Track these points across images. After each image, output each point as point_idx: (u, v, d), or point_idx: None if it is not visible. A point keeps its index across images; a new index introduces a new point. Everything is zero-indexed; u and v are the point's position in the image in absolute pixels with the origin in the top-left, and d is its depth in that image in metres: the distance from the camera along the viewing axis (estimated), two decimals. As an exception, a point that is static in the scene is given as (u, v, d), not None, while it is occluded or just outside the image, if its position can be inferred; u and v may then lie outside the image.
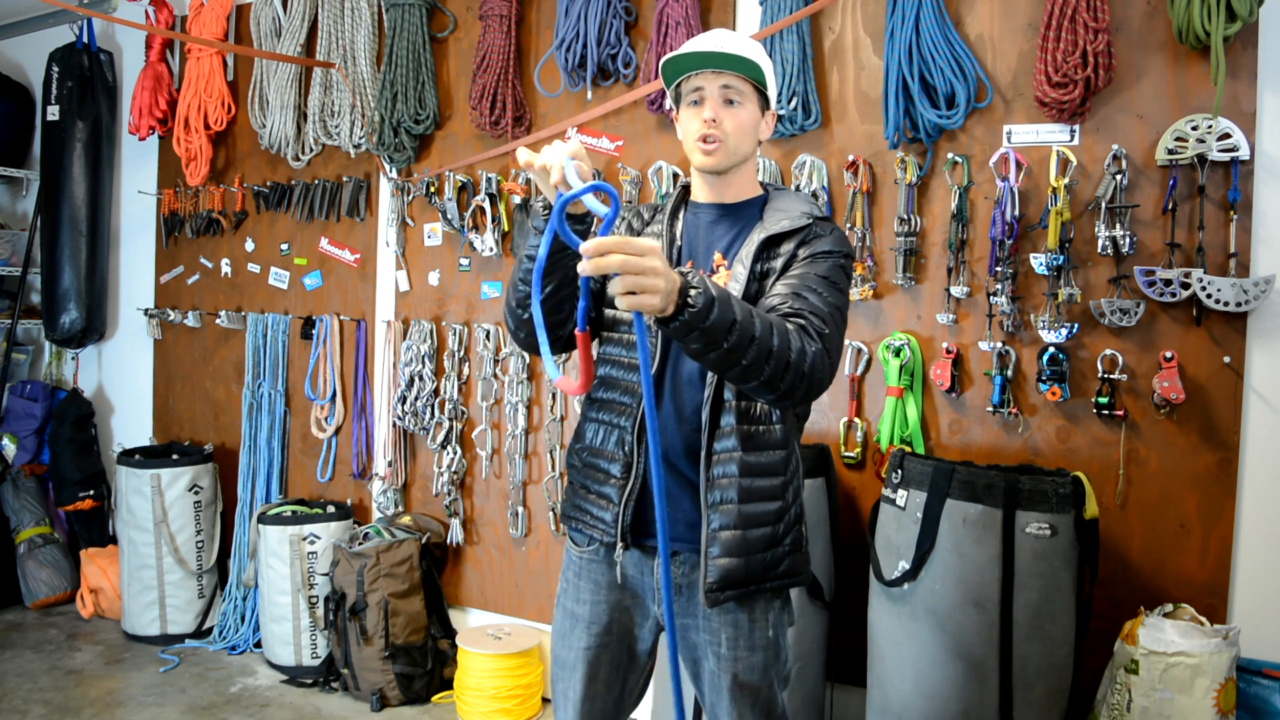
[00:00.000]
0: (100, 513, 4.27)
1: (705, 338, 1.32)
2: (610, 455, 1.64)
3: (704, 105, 1.61)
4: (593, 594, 1.70)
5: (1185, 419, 2.36)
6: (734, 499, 1.56)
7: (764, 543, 1.58)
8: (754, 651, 1.63)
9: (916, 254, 2.66)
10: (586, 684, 1.69)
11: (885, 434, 2.65)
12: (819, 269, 1.57)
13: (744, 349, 1.35)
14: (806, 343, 1.44)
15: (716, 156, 1.62)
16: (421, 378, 3.46)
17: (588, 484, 1.69)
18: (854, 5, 2.76)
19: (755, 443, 1.58)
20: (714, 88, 1.61)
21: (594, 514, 1.66)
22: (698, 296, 1.28)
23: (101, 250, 4.25)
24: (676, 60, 1.60)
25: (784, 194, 1.72)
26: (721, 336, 1.32)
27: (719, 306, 1.31)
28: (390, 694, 3.18)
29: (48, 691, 3.25)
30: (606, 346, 1.70)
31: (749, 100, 1.62)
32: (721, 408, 1.58)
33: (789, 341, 1.41)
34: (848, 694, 2.70)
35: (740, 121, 1.62)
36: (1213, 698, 2.06)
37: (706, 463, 1.57)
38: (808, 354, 1.43)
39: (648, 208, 1.78)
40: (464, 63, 3.40)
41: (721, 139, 1.61)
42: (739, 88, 1.61)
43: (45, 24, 4.48)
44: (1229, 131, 2.26)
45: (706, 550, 1.56)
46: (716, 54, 1.58)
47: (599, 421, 1.68)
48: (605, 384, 1.68)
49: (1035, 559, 2.12)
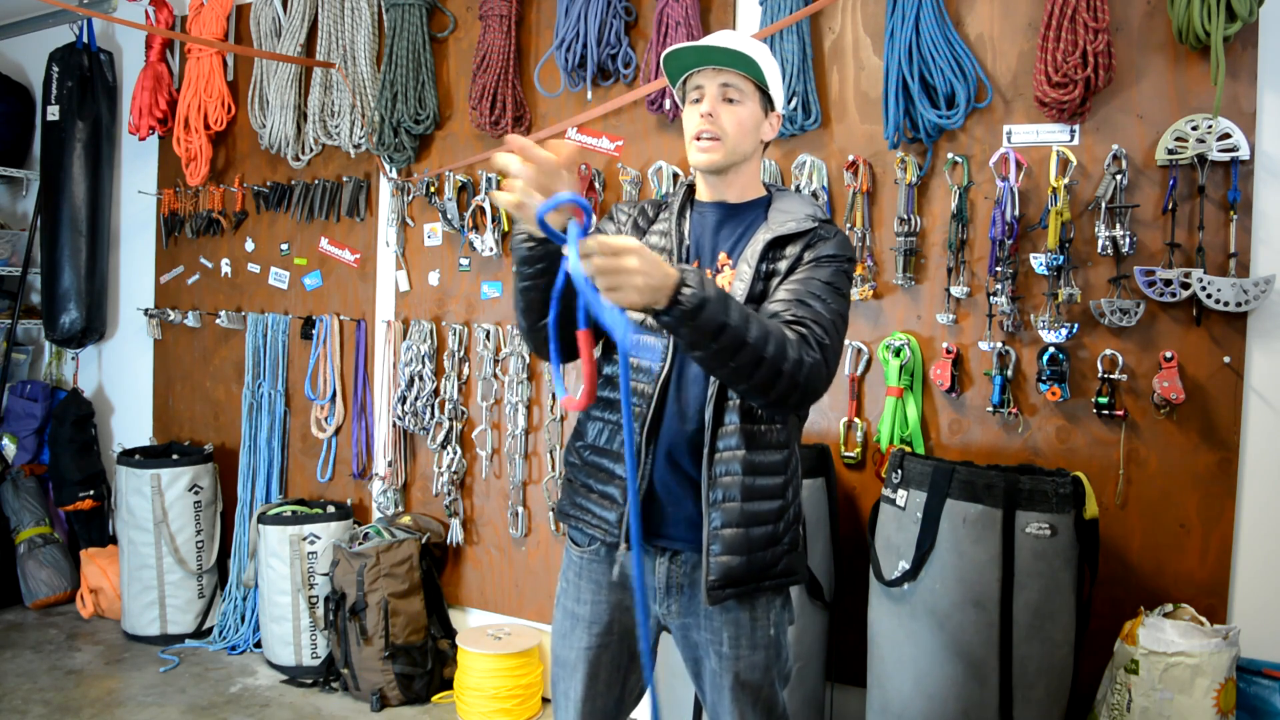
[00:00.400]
0: (100, 513, 4.27)
1: (693, 335, 1.34)
2: (614, 454, 1.64)
3: (703, 102, 1.61)
4: (594, 594, 1.69)
5: (1185, 419, 2.36)
6: (737, 497, 1.56)
7: (765, 541, 1.59)
8: (755, 650, 1.63)
9: (916, 254, 2.66)
10: (588, 684, 1.69)
11: (885, 434, 2.65)
12: (823, 275, 1.57)
13: (734, 352, 1.36)
14: (805, 353, 1.45)
15: (713, 154, 1.61)
16: (421, 378, 3.46)
17: (590, 483, 1.68)
18: (854, 5, 2.76)
19: (758, 441, 1.58)
20: (713, 86, 1.60)
21: (596, 513, 1.65)
22: (690, 295, 1.30)
23: (101, 250, 4.25)
24: (677, 55, 1.60)
25: (788, 196, 1.72)
26: (710, 337, 1.34)
27: (710, 307, 1.32)
28: (390, 694, 3.18)
29: (48, 691, 3.25)
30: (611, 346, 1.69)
31: (750, 99, 1.62)
32: (725, 406, 1.57)
33: (785, 350, 1.41)
34: (848, 694, 2.70)
35: (740, 119, 1.61)
36: (1213, 698, 2.06)
37: (709, 460, 1.57)
38: (804, 364, 1.44)
39: (651, 204, 1.77)
40: (464, 63, 3.40)
41: (719, 136, 1.60)
42: (739, 86, 1.61)
43: (45, 24, 4.48)
44: (1229, 131, 2.26)
45: (708, 548, 1.55)
46: (715, 49, 1.58)
47: (603, 420, 1.67)
48: (610, 382, 1.67)
49: (1035, 559, 2.12)
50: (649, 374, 1.61)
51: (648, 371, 1.61)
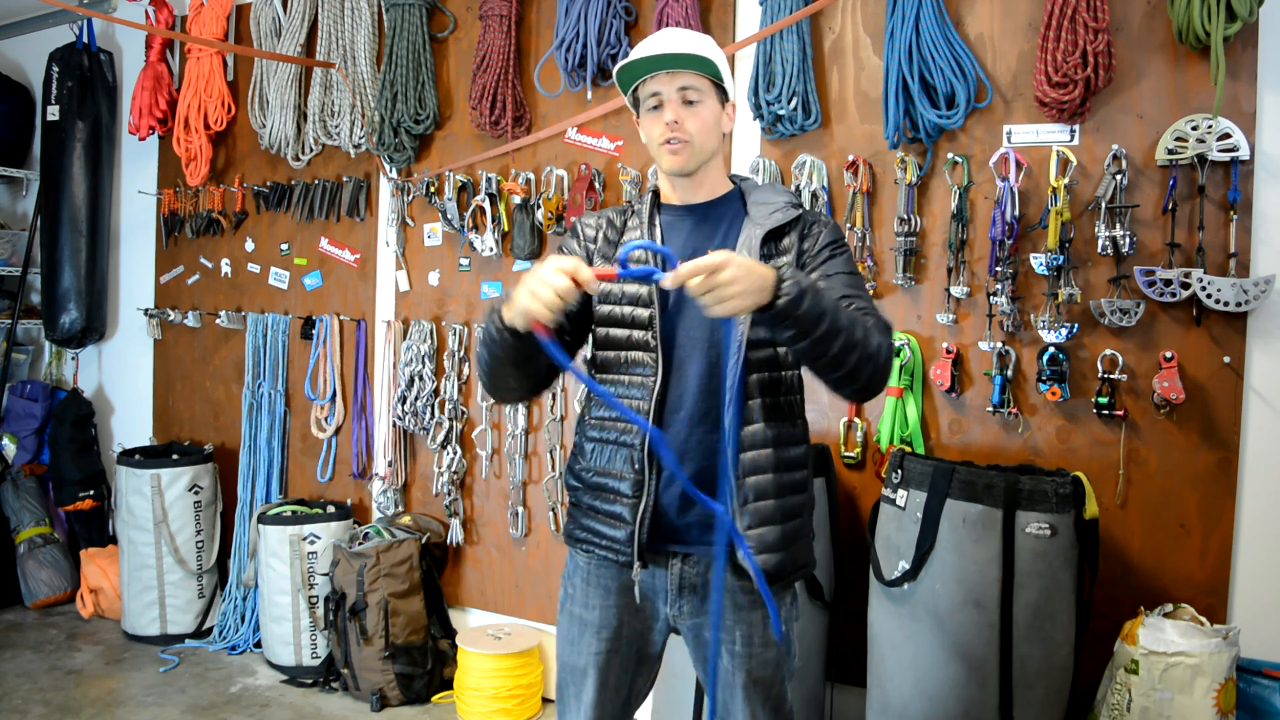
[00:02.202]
0: (100, 513, 4.27)
1: (798, 326, 1.39)
2: (619, 474, 1.63)
3: (664, 109, 1.61)
4: (603, 599, 1.68)
5: (1185, 419, 2.36)
6: (770, 494, 1.59)
7: (796, 534, 1.63)
8: (768, 647, 1.65)
9: (916, 254, 2.66)
10: (599, 689, 1.69)
11: (885, 434, 2.65)
12: (839, 265, 1.61)
13: (834, 338, 1.42)
14: (882, 336, 1.52)
15: (683, 157, 1.62)
16: (421, 378, 3.46)
17: (596, 504, 1.66)
18: (854, 5, 2.76)
19: (784, 439, 1.62)
20: (671, 90, 1.60)
21: (606, 534, 1.64)
22: (790, 288, 1.36)
23: (101, 250, 4.25)
24: (631, 66, 1.60)
25: (758, 187, 1.72)
26: (813, 325, 1.40)
27: (809, 297, 1.38)
28: (390, 694, 3.18)
29: (48, 691, 3.25)
30: (604, 365, 1.67)
31: (708, 97, 1.62)
32: (748, 406, 1.58)
33: (870, 336, 1.48)
34: (848, 694, 2.70)
35: (703, 120, 1.62)
36: (1213, 698, 2.06)
37: (735, 461, 1.57)
38: (884, 348, 1.52)
39: (616, 212, 1.75)
40: (464, 63, 3.40)
41: (686, 139, 1.61)
42: (696, 85, 1.61)
43: (45, 24, 4.48)
44: (1229, 131, 2.26)
45: (744, 549, 1.55)
46: (668, 55, 1.58)
47: (603, 441, 1.66)
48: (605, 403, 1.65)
49: (1035, 559, 2.12)
50: (643, 389, 1.61)
51: (641, 386, 1.61)
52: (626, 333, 1.63)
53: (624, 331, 1.63)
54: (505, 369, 1.57)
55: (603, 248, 1.70)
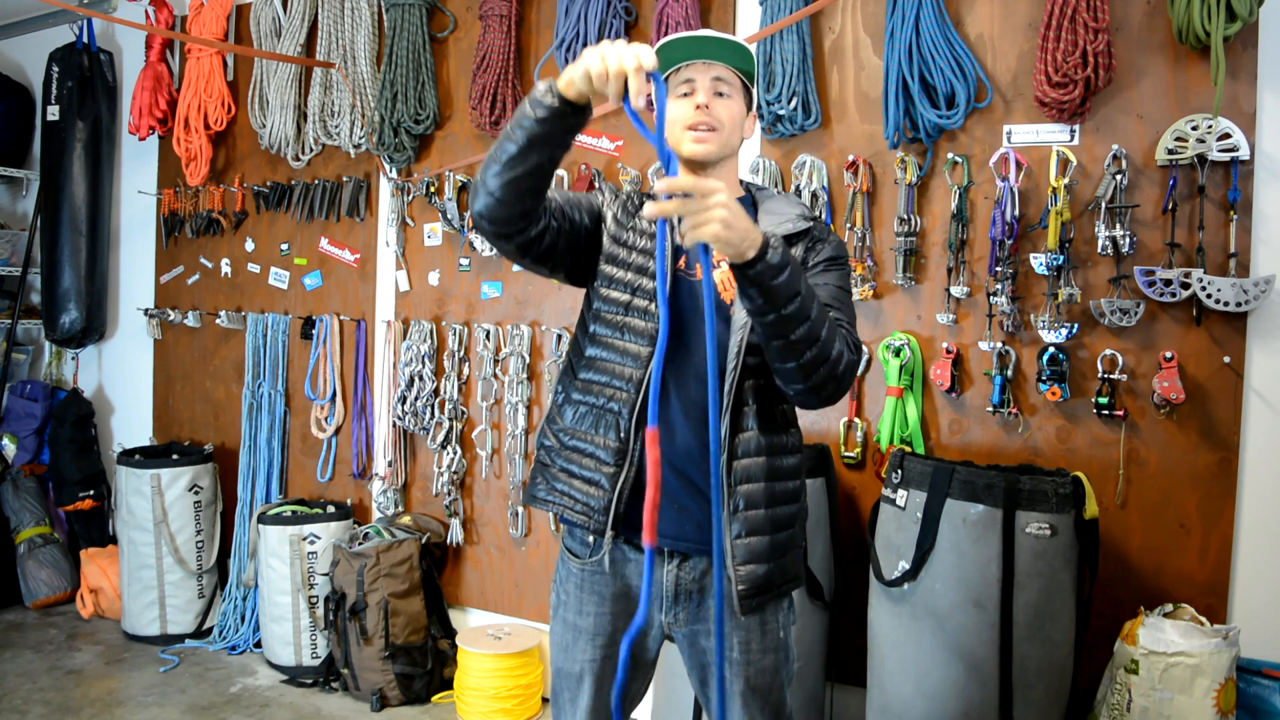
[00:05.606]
0: (100, 513, 4.27)
1: (769, 297, 1.35)
2: (600, 441, 1.58)
3: (695, 94, 1.59)
4: (596, 606, 1.67)
5: (1185, 419, 2.36)
6: (761, 503, 1.56)
7: (786, 546, 1.61)
8: (766, 654, 1.64)
9: (916, 254, 2.66)
10: (594, 695, 1.68)
11: (885, 434, 2.65)
12: (833, 279, 1.59)
13: (798, 323, 1.38)
14: (847, 349, 1.48)
15: (710, 144, 1.58)
16: (421, 378, 3.46)
17: (571, 468, 1.62)
18: (854, 5, 2.76)
19: (778, 447, 1.59)
20: (705, 79, 1.59)
21: (578, 499, 1.60)
22: (775, 255, 1.33)
23: (101, 250, 4.25)
24: (670, 46, 1.58)
25: (771, 196, 1.71)
26: (784, 301, 1.36)
27: (790, 271, 1.35)
28: (390, 694, 3.18)
29: (48, 691, 3.25)
30: (598, 327, 1.63)
31: (737, 95, 1.62)
32: (742, 412, 1.56)
33: (834, 338, 1.44)
34: (848, 694, 2.70)
35: (732, 113, 1.60)
36: (1213, 698, 2.06)
37: (728, 467, 1.55)
38: (844, 358, 1.47)
39: (634, 197, 1.72)
40: (464, 63, 3.40)
41: (716, 127, 1.58)
42: (729, 80, 1.60)
43: (45, 24, 4.47)
44: (1229, 131, 2.26)
45: (732, 558, 1.54)
46: (711, 40, 1.58)
47: (586, 405, 1.62)
48: (594, 366, 1.62)
49: (1035, 559, 2.12)
50: (636, 359, 1.57)
51: (635, 356, 1.57)
52: (628, 297, 1.59)
53: (625, 295, 1.60)
54: (519, 160, 1.42)
55: (619, 216, 1.67)
